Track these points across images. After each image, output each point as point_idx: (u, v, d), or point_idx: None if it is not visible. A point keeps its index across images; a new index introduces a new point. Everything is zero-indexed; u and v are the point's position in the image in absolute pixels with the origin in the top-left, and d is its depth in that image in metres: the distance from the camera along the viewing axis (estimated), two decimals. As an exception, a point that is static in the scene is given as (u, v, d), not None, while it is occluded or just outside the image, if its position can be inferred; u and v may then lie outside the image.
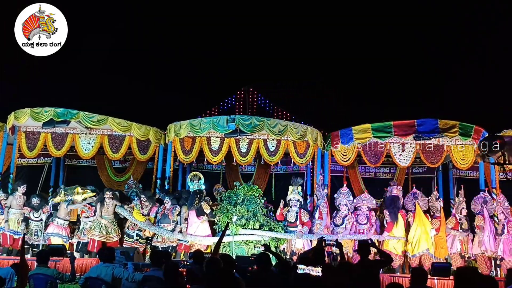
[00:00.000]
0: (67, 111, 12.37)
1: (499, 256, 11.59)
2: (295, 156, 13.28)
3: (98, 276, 6.50)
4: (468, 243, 11.97)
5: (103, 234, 11.82)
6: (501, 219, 11.77)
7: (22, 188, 12.47)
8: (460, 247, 11.87)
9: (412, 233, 11.73)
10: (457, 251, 11.86)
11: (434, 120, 12.13)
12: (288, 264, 6.33)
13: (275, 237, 11.99)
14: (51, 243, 11.55)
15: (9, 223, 12.08)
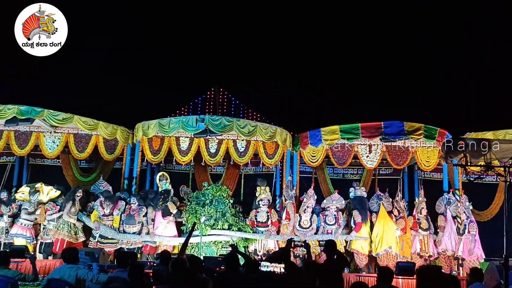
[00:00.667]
0: (31, 109, 12.08)
1: (460, 256, 11.91)
2: (264, 157, 13.33)
3: (61, 277, 6.37)
4: (429, 243, 12.21)
5: (71, 235, 11.59)
6: (463, 219, 12.10)
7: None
8: (419, 246, 12.11)
9: (375, 232, 11.92)
10: (416, 251, 12.10)
11: (400, 123, 12.38)
12: (256, 264, 6.34)
13: (244, 237, 12.00)
14: (15, 244, 11.23)
15: None
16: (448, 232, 11.95)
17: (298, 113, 18.93)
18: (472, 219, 12.20)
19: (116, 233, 11.74)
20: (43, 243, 11.82)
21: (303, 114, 18.67)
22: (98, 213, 11.87)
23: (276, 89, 19.80)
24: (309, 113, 18.61)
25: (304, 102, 19.63)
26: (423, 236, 12.13)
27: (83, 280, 6.42)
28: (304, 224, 12.19)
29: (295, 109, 19.37)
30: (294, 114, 18.70)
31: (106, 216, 11.91)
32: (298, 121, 16.77)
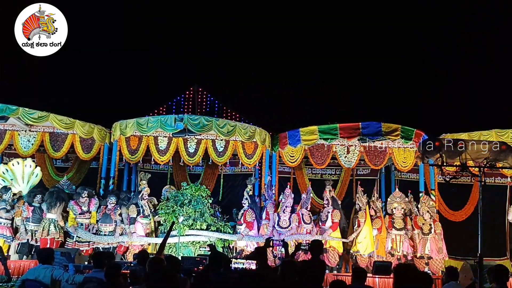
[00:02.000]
0: (6, 107, 11.84)
1: (427, 255, 12.11)
2: (243, 157, 13.31)
3: (36, 278, 6.27)
4: (402, 242, 12.33)
5: (56, 231, 11.42)
6: (427, 218, 12.30)
7: None
8: (390, 245, 12.27)
9: (365, 233, 12.04)
10: (387, 250, 12.24)
11: (378, 123, 12.51)
12: (228, 261, 6.35)
13: (221, 238, 11.98)
14: None
15: None
16: None
17: (277, 113, 19.01)
18: (436, 218, 12.48)
19: (93, 236, 11.62)
20: (19, 244, 11.60)
21: (282, 114, 18.74)
22: (74, 212, 11.68)
23: (256, 89, 19.85)
24: (288, 113, 18.67)
25: (283, 102, 19.71)
26: (395, 236, 12.28)
27: (58, 280, 6.34)
28: (283, 224, 12.22)
29: (274, 109, 19.44)
30: (273, 114, 18.77)
31: (83, 213, 11.75)
32: (277, 121, 16.84)
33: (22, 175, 12.06)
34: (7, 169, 12.03)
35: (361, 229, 12.11)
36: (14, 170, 12.03)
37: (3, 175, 11.93)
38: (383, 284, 10.63)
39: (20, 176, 12.04)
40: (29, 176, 12.14)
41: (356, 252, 12.16)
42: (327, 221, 12.49)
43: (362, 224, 12.19)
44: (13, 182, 12.02)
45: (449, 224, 13.99)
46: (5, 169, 12.02)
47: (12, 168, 12.02)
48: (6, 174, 11.97)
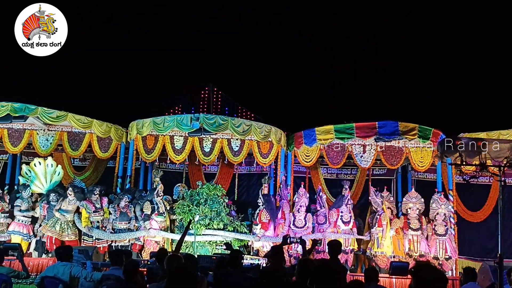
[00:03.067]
0: (25, 106, 11.97)
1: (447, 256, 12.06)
2: (259, 156, 13.31)
3: (55, 275, 6.36)
4: (420, 242, 12.24)
5: (55, 230, 11.51)
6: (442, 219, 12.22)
7: None
8: (408, 246, 12.16)
9: (386, 233, 12.00)
10: (405, 251, 12.14)
11: (395, 123, 12.39)
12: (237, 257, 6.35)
13: (237, 238, 11.99)
14: (11, 242, 11.15)
15: None
16: None
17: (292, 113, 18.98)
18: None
19: (110, 234, 11.70)
20: (38, 241, 11.77)
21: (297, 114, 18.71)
22: (87, 210, 11.77)
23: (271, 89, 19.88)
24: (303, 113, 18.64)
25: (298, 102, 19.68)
26: (412, 236, 12.17)
27: (77, 277, 6.41)
28: (298, 223, 12.20)
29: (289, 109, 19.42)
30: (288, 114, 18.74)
31: (97, 211, 11.84)
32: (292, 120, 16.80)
33: (45, 174, 12.20)
34: (29, 170, 12.17)
35: (384, 230, 12.03)
36: (36, 170, 12.16)
37: (26, 176, 12.08)
38: (400, 284, 10.53)
39: (43, 175, 12.19)
40: (51, 175, 12.28)
41: (381, 253, 12.08)
42: (351, 221, 12.48)
43: (383, 225, 12.10)
44: (36, 182, 12.15)
45: (467, 225, 13.84)
46: (27, 169, 12.16)
47: (34, 168, 12.16)
48: (29, 174, 12.11)
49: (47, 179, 12.22)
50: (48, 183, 12.24)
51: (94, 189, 12.05)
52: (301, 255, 6.81)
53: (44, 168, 12.23)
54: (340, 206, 12.51)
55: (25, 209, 11.81)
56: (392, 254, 12.02)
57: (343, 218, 12.36)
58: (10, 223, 11.80)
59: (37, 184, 12.16)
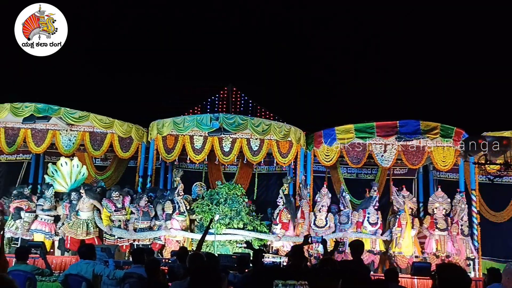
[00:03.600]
0: (48, 107, 12.17)
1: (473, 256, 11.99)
2: (278, 155, 13.29)
3: (78, 273, 6.41)
4: (446, 242, 12.10)
5: (74, 230, 11.66)
6: (466, 220, 12.13)
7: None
8: (435, 246, 12.01)
9: (407, 234, 11.91)
10: (432, 251, 12.01)
11: (416, 122, 12.25)
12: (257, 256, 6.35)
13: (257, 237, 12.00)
14: (34, 240, 11.34)
15: None
16: None
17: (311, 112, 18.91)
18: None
19: (131, 233, 11.81)
20: (61, 240, 11.95)
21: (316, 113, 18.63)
22: (108, 210, 11.90)
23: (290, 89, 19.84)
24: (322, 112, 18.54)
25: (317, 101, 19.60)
26: (439, 236, 12.02)
27: (99, 275, 6.46)
28: (319, 223, 12.15)
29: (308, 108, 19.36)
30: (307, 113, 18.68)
31: (118, 210, 11.96)
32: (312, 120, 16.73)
33: (70, 174, 12.36)
34: (56, 169, 12.35)
35: (403, 230, 11.91)
36: (62, 170, 12.33)
37: (53, 176, 12.25)
38: (422, 285, 10.41)
39: (68, 175, 12.36)
40: (76, 176, 12.44)
41: (399, 253, 11.97)
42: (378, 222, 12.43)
43: (403, 225, 11.98)
44: (61, 181, 12.33)
45: (491, 225, 13.60)
46: (54, 169, 12.34)
47: (61, 168, 12.33)
48: (56, 174, 12.28)
49: (72, 179, 12.37)
50: (72, 182, 12.39)
51: (113, 189, 12.16)
52: (322, 255, 6.76)
53: (70, 168, 12.39)
54: (367, 207, 12.42)
55: (48, 208, 11.97)
56: (413, 254, 11.89)
57: (370, 219, 12.27)
58: (33, 222, 11.96)
59: (62, 183, 12.34)
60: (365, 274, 5.55)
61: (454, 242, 11.95)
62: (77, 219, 11.69)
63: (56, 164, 12.44)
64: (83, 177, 12.63)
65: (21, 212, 11.90)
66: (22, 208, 11.95)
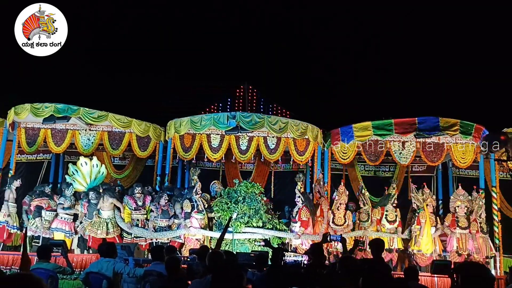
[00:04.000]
0: (68, 107, 12.31)
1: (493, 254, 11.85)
2: (295, 153, 13.26)
3: (99, 271, 6.49)
4: (467, 241, 11.95)
5: (96, 229, 11.76)
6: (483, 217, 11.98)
7: (18, 182, 12.43)
8: (456, 245, 11.87)
9: (426, 232, 11.79)
10: (453, 249, 11.86)
11: (435, 118, 12.09)
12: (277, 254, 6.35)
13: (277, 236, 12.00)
14: (54, 239, 11.50)
15: (11, 217, 12.04)
16: None
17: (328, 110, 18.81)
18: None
19: (150, 232, 11.88)
20: (80, 238, 12.10)
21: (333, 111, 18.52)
22: (129, 207, 11.99)
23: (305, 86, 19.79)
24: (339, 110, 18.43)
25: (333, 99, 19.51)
26: (461, 235, 11.88)
27: (120, 273, 6.53)
28: (338, 221, 12.10)
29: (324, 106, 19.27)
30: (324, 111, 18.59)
31: (138, 209, 12.03)
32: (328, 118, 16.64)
33: (90, 174, 12.49)
34: (76, 170, 12.52)
35: (423, 228, 11.80)
36: (82, 170, 12.47)
37: (73, 176, 12.42)
38: (442, 283, 10.31)
39: (88, 175, 12.49)
40: (96, 175, 12.57)
41: (418, 251, 11.86)
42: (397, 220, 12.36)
43: (422, 223, 11.86)
44: (81, 180, 12.48)
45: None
46: (74, 169, 12.51)
47: (81, 168, 12.47)
48: (76, 174, 12.44)
49: (91, 178, 12.51)
50: (91, 181, 12.52)
51: (136, 185, 12.25)
52: (341, 253, 6.73)
53: (90, 167, 12.51)
54: (385, 205, 12.33)
55: (68, 206, 12.09)
56: (433, 252, 11.76)
57: (388, 217, 12.17)
58: (53, 220, 12.09)
59: (82, 182, 12.48)
60: (385, 272, 5.52)
61: (474, 240, 11.80)
62: (98, 218, 11.79)
63: (76, 164, 12.58)
64: (102, 176, 12.74)
65: (42, 211, 12.07)
66: (43, 206, 12.11)
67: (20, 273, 2.11)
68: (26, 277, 1.99)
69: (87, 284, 6.57)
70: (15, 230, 12.12)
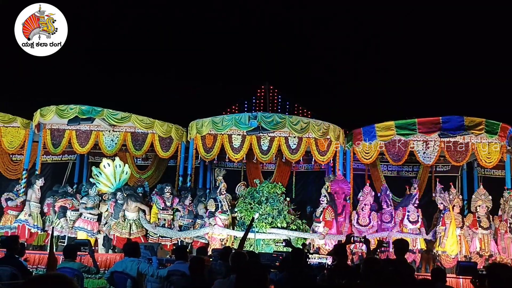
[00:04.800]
0: (92, 109, 12.50)
1: None
2: (317, 153, 13.20)
3: (124, 270, 6.54)
4: (489, 241, 11.73)
5: (121, 229, 11.89)
6: None
7: (41, 181, 12.64)
8: (479, 245, 11.65)
9: (451, 233, 11.60)
10: (476, 250, 11.66)
11: (460, 117, 11.90)
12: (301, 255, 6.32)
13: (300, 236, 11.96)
14: (77, 238, 11.68)
15: (33, 216, 12.24)
16: None
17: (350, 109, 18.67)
18: None
19: (175, 232, 11.95)
20: (105, 237, 12.26)
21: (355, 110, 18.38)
22: (157, 206, 12.09)
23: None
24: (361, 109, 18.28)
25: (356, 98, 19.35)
26: (483, 235, 11.66)
27: (144, 274, 6.58)
28: (362, 221, 12.00)
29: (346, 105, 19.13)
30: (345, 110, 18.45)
31: (166, 209, 12.12)
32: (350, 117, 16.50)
33: (114, 175, 12.64)
34: (100, 172, 12.70)
35: (448, 229, 11.62)
36: (105, 171, 12.63)
37: (97, 178, 12.60)
38: (467, 285, 10.11)
39: (112, 176, 12.64)
40: (120, 175, 12.73)
41: (443, 253, 11.69)
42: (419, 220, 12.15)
43: (447, 224, 11.68)
44: (106, 182, 12.63)
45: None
46: (98, 171, 12.70)
47: (104, 170, 12.64)
48: (100, 176, 12.62)
49: (116, 179, 12.64)
50: (117, 182, 12.65)
51: (165, 187, 12.33)
52: (365, 254, 6.67)
53: (113, 168, 12.66)
54: (407, 205, 12.17)
55: (91, 206, 12.25)
56: (458, 253, 11.56)
57: (409, 217, 12.02)
58: (76, 220, 12.23)
59: (107, 184, 12.60)
60: (409, 274, 5.45)
61: (499, 241, 11.57)
62: (123, 219, 11.95)
63: (99, 166, 12.76)
64: (127, 176, 12.87)
65: (67, 211, 12.27)
66: (67, 207, 12.31)
67: (53, 273, 2.14)
68: (60, 277, 2.02)
69: (112, 283, 6.65)
70: (36, 229, 12.30)
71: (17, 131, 13.69)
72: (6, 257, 6.82)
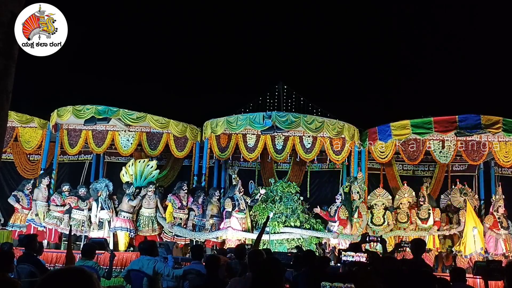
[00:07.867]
0: (108, 109, 12.62)
1: None
2: (331, 153, 13.16)
3: (140, 268, 6.61)
4: (509, 242, 11.59)
5: (154, 227, 12.01)
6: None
7: (47, 180, 12.75)
8: (504, 247, 11.49)
9: (474, 231, 11.45)
10: (502, 251, 11.48)
11: (477, 116, 11.76)
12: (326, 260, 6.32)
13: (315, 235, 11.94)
14: (117, 238, 11.80)
15: (39, 216, 12.31)
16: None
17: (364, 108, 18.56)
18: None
19: (189, 232, 11.98)
20: None
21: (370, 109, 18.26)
22: (173, 205, 12.13)
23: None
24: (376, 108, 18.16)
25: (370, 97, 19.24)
26: (506, 236, 11.51)
27: (160, 273, 6.63)
28: (377, 221, 11.93)
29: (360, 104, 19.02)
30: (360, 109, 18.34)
31: (182, 208, 12.17)
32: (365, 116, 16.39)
33: (138, 173, 12.76)
34: (126, 172, 12.82)
35: (463, 229, 11.50)
36: (136, 169, 12.75)
37: (123, 177, 12.70)
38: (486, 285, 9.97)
39: (138, 174, 12.77)
40: (147, 175, 12.83)
41: (458, 252, 11.58)
42: (429, 219, 12.03)
43: (462, 223, 11.56)
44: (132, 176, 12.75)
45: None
46: (124, 171, 12.82)
47: (129, 169, 12.76)
48: (126, 176, 12.73)
49: (141, 176, 12.75)
50: (140, 181, 12.74)
51: (182, 185, 12.37)
52: (381, 253, 6.63)
53: (144, 166, 12.80)
54: None
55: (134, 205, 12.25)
56: (474, 252, 11.42)
57: (419, 215, 11.95)
58: (116, 220, 12.10)
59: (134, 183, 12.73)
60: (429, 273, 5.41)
61: None
62: (140, 216, 12.02)
63: (126, 167, 12.89)
64: (153, 179, 12.91)
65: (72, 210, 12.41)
66: (71, 204, 12.40)
67: (74, 267, 2.17)
68: (79, 271, 2.04)
69: (128, 281, 6.72)
70: (43, 228, 12.35)
71: (35, 131, 13.88)
72: (24, 255, 6.95)
